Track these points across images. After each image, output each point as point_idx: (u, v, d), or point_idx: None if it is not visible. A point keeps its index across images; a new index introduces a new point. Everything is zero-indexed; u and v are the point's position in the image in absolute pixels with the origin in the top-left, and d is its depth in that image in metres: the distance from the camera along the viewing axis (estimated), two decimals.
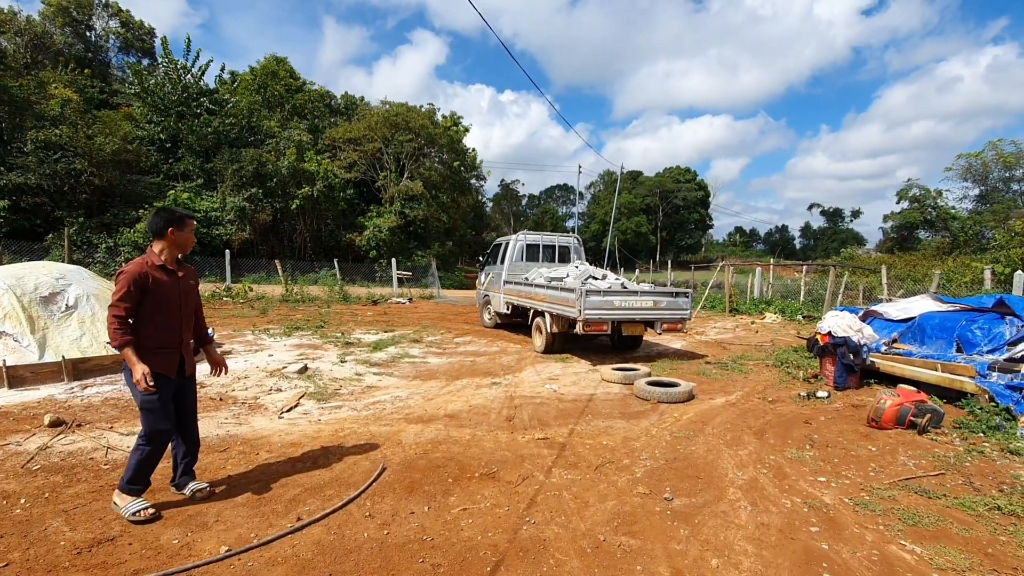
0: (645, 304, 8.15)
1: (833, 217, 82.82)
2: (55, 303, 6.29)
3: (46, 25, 32.70)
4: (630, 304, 8.04)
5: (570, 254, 11.46)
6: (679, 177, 67.53)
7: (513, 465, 3.84)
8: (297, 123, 31.20)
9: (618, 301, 7.95)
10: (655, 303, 8.22)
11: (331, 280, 19.60)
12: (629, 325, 8.20)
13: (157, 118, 27.26)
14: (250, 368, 6.71)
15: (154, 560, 2.49)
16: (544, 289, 8.80)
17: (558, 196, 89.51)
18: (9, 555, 2.45)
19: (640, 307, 8.12)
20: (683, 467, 3.92)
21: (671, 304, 8.36)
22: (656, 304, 8.23)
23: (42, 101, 24.88)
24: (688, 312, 8.56)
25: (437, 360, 7.92)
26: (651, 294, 8.33)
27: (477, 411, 5.25)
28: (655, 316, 8.26)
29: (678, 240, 67.17)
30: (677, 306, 8.40)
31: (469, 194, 42.84)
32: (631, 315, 8.08)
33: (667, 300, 8.35)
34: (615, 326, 8.14)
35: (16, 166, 22.11)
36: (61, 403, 4.91)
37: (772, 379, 7.26)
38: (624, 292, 8.13)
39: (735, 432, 4.83)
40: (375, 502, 3.17)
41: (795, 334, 12.15)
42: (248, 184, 26.30)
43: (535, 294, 9.10)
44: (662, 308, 8.27)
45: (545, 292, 8.73)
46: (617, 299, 7.95)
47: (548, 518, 3.06)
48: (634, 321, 8.19)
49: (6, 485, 3.17)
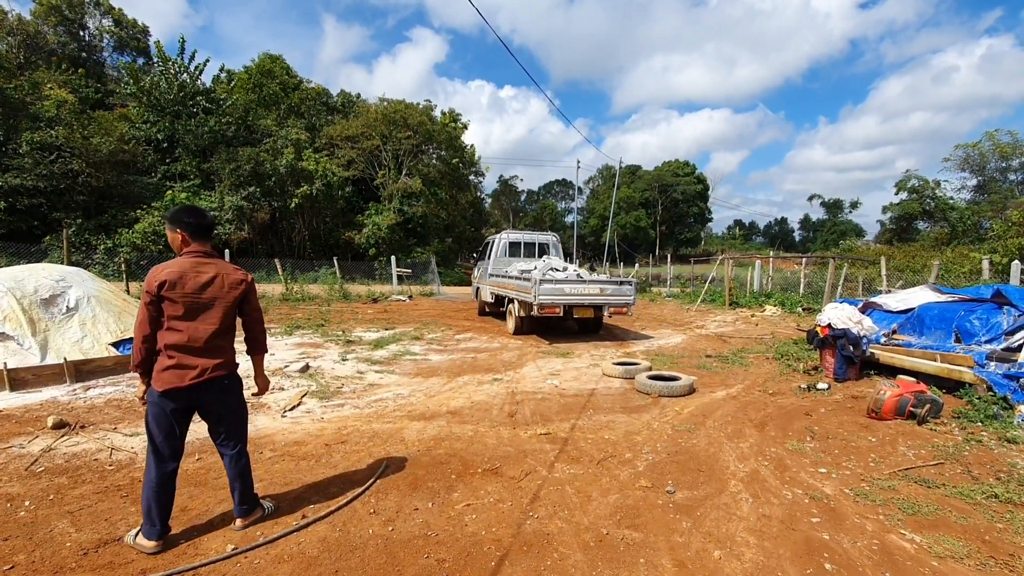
0: (592, 291, 9.35)
1: (833, 209, 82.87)
2: (56, 305, 6.30)
3: (38, 25, 32.51)
4: (579, 291, 9.23)
5: (549, 249, 12.66)
6: (678, 171, 67.46)
7: (516, 460, 3.86)
8: (295, 121, 31.12)
9: (569, 288, 9.13)
10: (601, 290, 9.42)
11: (331, 278, 19.61)
12: (579, 309, 9.41)
13: (153, 118, 27.16)
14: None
15: (161, 559, 2.51)
16: (514, 279, 10.09)
17: (557, 191, 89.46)
18: (15, 557, 2.47)
19: (588, 293, 9.33)
20: (685, 460, 3.95)
21: (616, 291, 9.51)
22: (603, 291, 9.42)
23: (37, 102, 24.77)
24: (632, 298, 9.62)
25: (438, 357, 7.94)
26: (598, 283, 9.50)
27: (479, 407, 5.27)
28: (602, 301, 9.46)
29: (677, 234, 67.16)
30: (621, 293, 9.54)
31: (468, 190, 42.80)
32: (580, 300, 9.27)
33: (612, 288, 9.52)
34: (567, 310, 9.25)
35: (12, 167, 22.02)
36: (64, 405, 4.93)
37: (772, 372, 7.29)
38: (574, 281, 9.28)
39: (736, 425, 4.86)
40: (379, 499, 3.19)
41: (795, 326, 12.18)
42: (246, 183, 26.24)
43: (508, 284, 10.47)
44: (608, 295, 9.46)
45: (514, 282, 10.06)
46: (568, 287, 9.13)
47: (551, 512, 3.08)
48: (583, 305, 9.38)
49: (10, 488, 3.19)
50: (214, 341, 2.68)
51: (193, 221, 2.72)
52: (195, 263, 2.67)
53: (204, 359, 2.64)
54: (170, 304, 2.57)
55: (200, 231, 2.74)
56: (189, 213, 2.73)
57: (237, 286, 2.77)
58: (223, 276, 2.73)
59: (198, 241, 2.73)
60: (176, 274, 2.58)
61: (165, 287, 2.54)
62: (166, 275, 2.55)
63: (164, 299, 2.56)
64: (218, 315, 2.69)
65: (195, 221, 2.72)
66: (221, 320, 2.70)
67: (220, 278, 2.71)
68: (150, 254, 21.20)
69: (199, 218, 2.75)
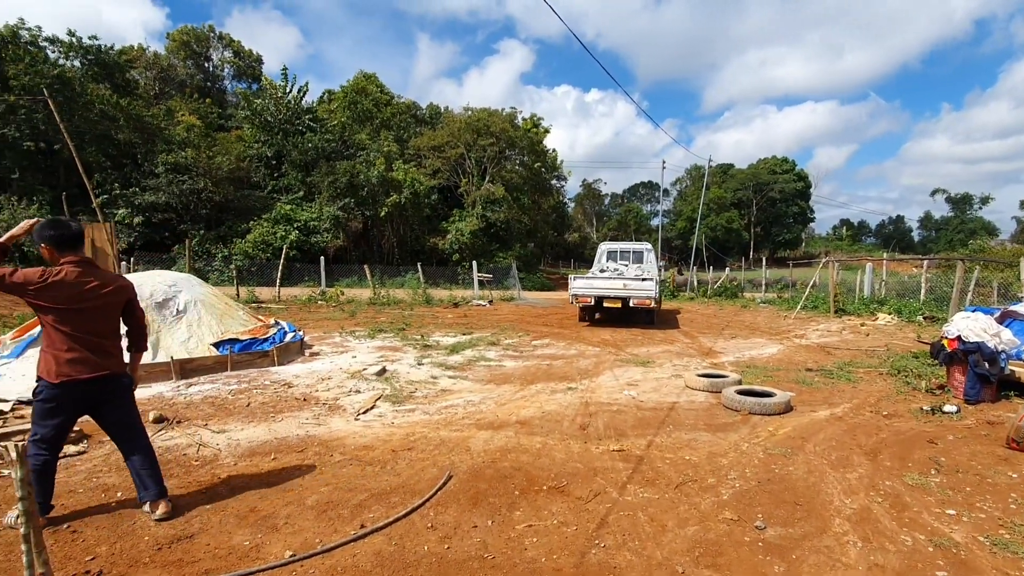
0: (617, 286, 11.47)
1: (960, 204, 73.49)
2: (167, 308, 6.93)
3: (171, 59, 36.94)
4: (606, 287, 11.56)
5: (643, 256, 14.46)
6: (775, 168, 63.02)
7: (584, 479, 3.61)
8: (386, 135, 32.82)
9: (598, 283, 11.70)
10: (624, 286, 11.45)
11: (415, 283, 20.29)
12: (608, 300, 11.53)
13: (264, 137, 29.84)
14: (334, 369, 6.99)
15: (224, 560, 2.56)
16: (575, 280, 12.19)
17: (642, 194, 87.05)
18: (98, 548, 2.63)
19: (613, 288, 11.48)
20: (779, 490, 3.48)
21: (638, 287, 11.37)
22: (626, 287, 11.42)
23: (170, 127, 28.12)
24: (652, 293, 11.28)
25: (513, 363, 7.83)
26: (622, 279, 11.79)
27: (550, 418, 5.06)
28: (625, 295, 11.36)
29: (774, 235, 62.62)
30: (643, 287, 11.34)
31: (550, 195, 42.80)
32: (607, 293, 11.49)
33: (635, 284, 11.45)
34: (598, 301, 11.61)
35: (149, 187, 25.13)
36: (167, 400, 5.37)
37: (887, 390, 6.41)
38: (601, 278, 12.03)
39: (842, 451, 4.26)
40: (438, 512, 3.09)
41: (914, 338, 10.75)
42: (342, 194, 28.03)
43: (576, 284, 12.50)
44: (631, 289, 11.36)
45: (574, 282, 12.18)
46: (597, 282, 11.75)
47: (620, 542, 2.80)
48: (610, 297, 11.48)
49: (108, 478, 3.46)
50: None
51: (55, 234, 2.79)
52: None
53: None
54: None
55: (63, 242, 2.80)
56: (50, 226, 2.81)
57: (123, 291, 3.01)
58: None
59: (66, 253, 2.81)
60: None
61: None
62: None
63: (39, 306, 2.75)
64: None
65: (56, 233, 2.79)
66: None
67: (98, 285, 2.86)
68: (259, 261, 23.18)
69: (61, 230, 2.81)
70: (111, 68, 28.96)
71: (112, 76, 28.79)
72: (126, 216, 24.12)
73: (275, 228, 25.72)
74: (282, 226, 25.88)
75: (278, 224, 26.04)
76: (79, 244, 2.90)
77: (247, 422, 4.74)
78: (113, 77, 28.82)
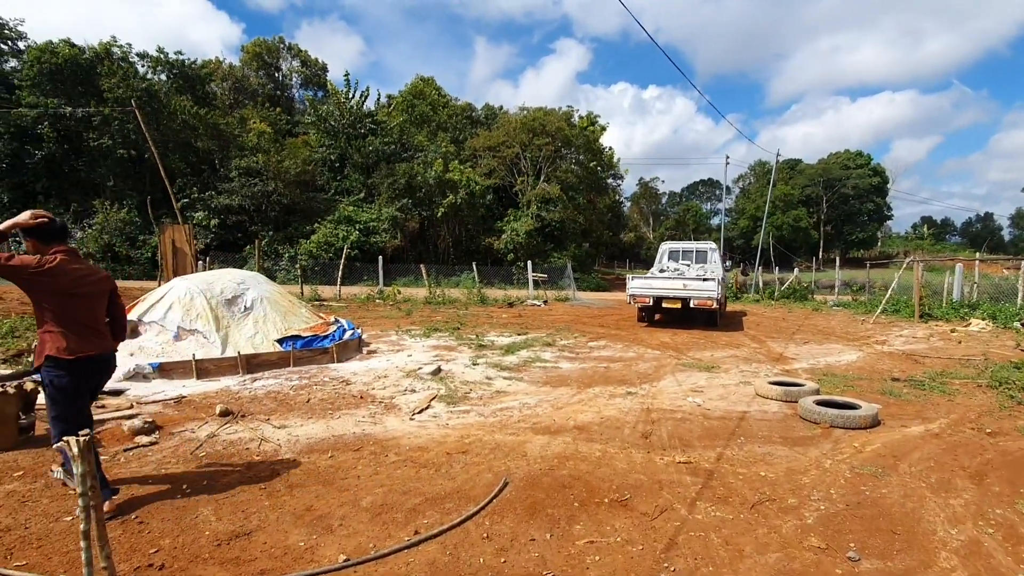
0: (676, 287, 11.04)
1: None
2: (236, 305, 7.22)
3: (244, 70, 39.14)
4: (666, 287, 11.19)
5: (707, 256, 13.73)
6: (848, 162, 59.04)
7: (649, 492, 3.37)
8: (443, 136, 33.31)
9: (656, 283, 11.34)
10: (684, 286, 10.98)
11: (470, 283, 20.40)
12: (667, 300, 11.17)
13: (328, 141, 31.04)
14: (390, 368, 7.04)
15: (280, 560, 2.53)
16: (633, 280, 11.82)
17: (702, 192, 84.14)
18: (161, 541, 2.67)
19: (673, 288, 11.07)
20: (871, 515, 3.11)
21: (699, 287, 10.87)
22: (686, 287, 10.95)
23: (243, 134, 29.81)
24: (715, 293, 10.71)
25: (569, 365, 7.61)
26: (682, 279, 11.30)
27: (609, 424, 4.82)
28: (685, 295, 10.92)
29: (847, 234, 58.64)
30: (704, 288, 10.82)
31: (606, 194, 42.03)
32: (666, 293, 11.14)
33: (696, 284, 10.97)
34: (656, 301, 11.29)
35: (224, 191, 26.70)
36: (233, 394, 5.54)
37: (989, 404, 5.72)
38: (660, 278, 11.61)
39: (942, 473, 3.79)
40: (494, 522, 2.95)
41: (1013, 346, 9.66)
42: (400, 195, 28.69)
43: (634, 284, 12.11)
44: (691, 290, 10.88)
45: (632, 282, 11.80)
46: (656, 282, 11.39)
47: (692, 567, 2.56)
48: (669, 298, 11.10)
49: (174, 468, 3.55)
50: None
51: (41, 228, 2.91)
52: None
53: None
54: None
55: (50, 235, 2.94)
56: (35, 221, 2.91)
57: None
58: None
59: (53, 244, 2.94)
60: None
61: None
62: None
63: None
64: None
65: (43, 228, 2.91)
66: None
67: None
68: (323, 261, 24.07)
69: (48, 224, 2.93)
70: (193, 80, 31.06)
71: (194, 88, 30.87)
72: (204, 219, 25.72)
73: (337, 229, 26.63)
74: (344, 227, 26.77)
75: (340, 225, 26.95)
76: (65, 236, 3.11)
77: (307, 418, 4.80)
78: (195, 89, 30.90)
